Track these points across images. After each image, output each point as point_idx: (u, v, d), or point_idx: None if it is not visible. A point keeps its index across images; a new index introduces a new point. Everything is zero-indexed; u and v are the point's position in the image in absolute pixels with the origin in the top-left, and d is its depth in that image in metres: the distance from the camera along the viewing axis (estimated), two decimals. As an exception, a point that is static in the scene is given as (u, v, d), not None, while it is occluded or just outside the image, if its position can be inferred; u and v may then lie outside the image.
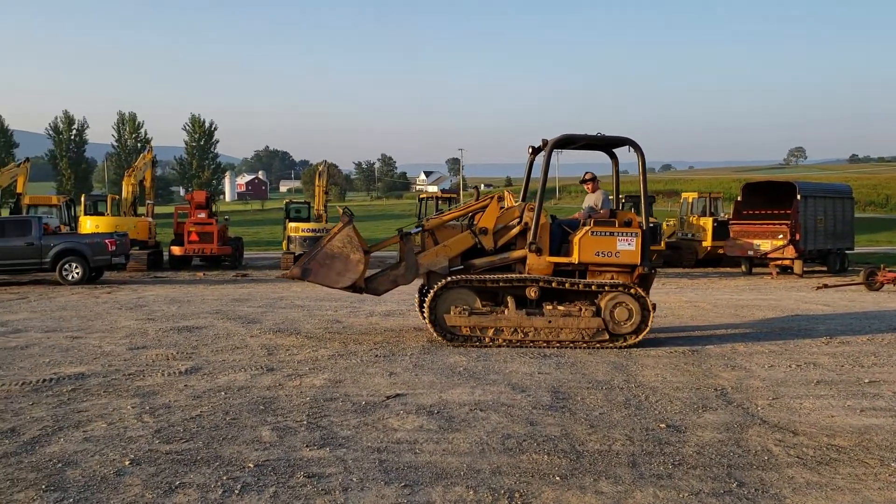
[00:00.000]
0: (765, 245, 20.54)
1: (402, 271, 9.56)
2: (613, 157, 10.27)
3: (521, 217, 9.55)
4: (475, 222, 9.59)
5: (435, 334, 9.15)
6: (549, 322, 9.00)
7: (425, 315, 9.20)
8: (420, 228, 9.69)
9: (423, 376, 7.45)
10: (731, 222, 22.03)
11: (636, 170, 9.52)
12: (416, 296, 10.34)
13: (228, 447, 5.18)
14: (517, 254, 9.42)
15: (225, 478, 4.58)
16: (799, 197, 20.30)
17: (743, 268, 22.15)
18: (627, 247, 9.13)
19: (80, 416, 5.96)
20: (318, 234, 21.87)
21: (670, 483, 4.58)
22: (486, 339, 9.06)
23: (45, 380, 7.24)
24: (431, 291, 9.17)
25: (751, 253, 20.95)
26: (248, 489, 4.40)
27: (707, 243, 24.33)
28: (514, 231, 9.52)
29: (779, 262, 20.85)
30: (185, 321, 11.26)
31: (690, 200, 26.54)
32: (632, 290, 9.09)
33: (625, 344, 9.04)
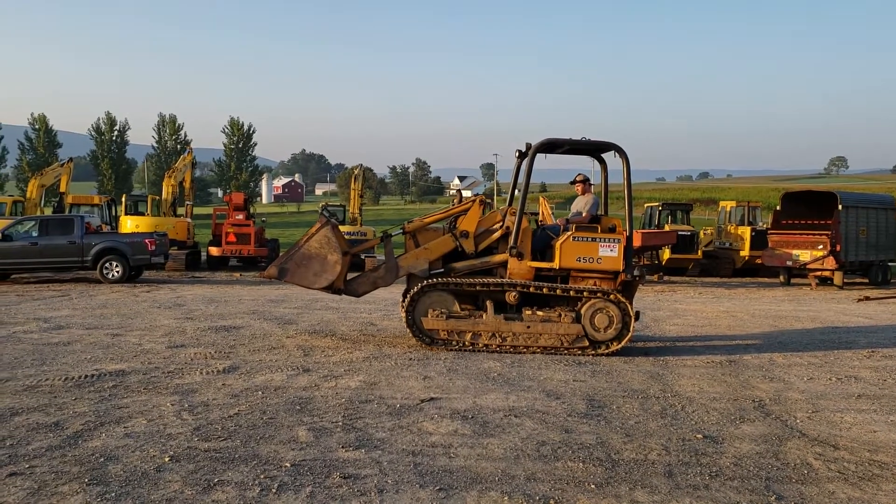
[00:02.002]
0: (804, 255, 20.19)
1: (381, 273, 9.60)
2: (602, 162, 10.17)
3: (503, 221, 9.53)
4: (457, 225, 9.56)
5: (413, 337, 9.17)
6: (528, 327, 8.96)
7: (403, 317, 9.24)
8: (402, 230, 9.72)
9: (457, 381, 7.46)
10: (769, 232, 21.71)
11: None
12: (400, 299, 10.28)
13: (266, 446, 5.25)
14: (498, 258, 9.40)
15: (262, 476, 4.63)
16: (840, 207, 19.94)
17: (781, 278, 21.81)
18: (609, 253, 9.03)
19: (120, 412, 6.07)
20: (353, 238, 22.03)
21: (707, 494, 4.54)
22: (465, 342, 9.05)
23: (86, 376, 7.39)
24: (409, 294, 9.19)
25: (789, 263, 20.61)
26: (284, 488, 4.45)
27: (745, 253, 24.01)
28: (496, 235, 9.49)
29: (818, 273, 20.49)
30: (223, 321, 11.41)
31: (728, 209, 26.23)
32: (612, 297, 9.00)
33: (606, 351, 8.97)
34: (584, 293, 9.05)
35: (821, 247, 19.88)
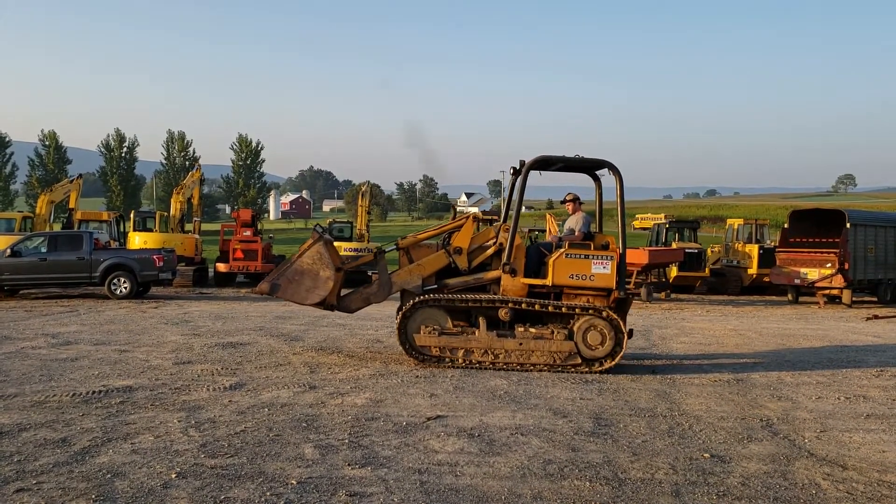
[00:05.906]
0: (812, 274, 20.12)
1: (374, 289, 9.59)
2: (596, 179, 10.14)
3: (496, 238, 9.54)
4: (451, 242, 9.55)
5: (405, 354, 9.17)
6: (520, 344, 8.94)
7: (396, 333, 9.24)
8: (395, 246, 9.73)
9: (463, 398, 7.45)
10: (777, 250, 21.65)
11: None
12: (396, 315, 10.28)
13: (272, 463, 5.25)
14: (492, 274, 9.38)
15: (268, 493, 4.63)
16: (848, 225, 19.88)
17: (789, 296, 21.72)
18: (602, 270, 9.02)
19: (128, 429, 6.08)
20: (361, 254, 22.07)
21: (715, 514, 4.51)
22: (457, 359, 9.04)
23: (94, 392, 7.41)
24: (402, 310, 9.19)
25: (797, 281, 20.53)
26: (290, 506, 4.45)
27: (752, 271, 23.93)
28: (490, 251, 9.50)
29: (826, 292, 20.40)
30: (230, 337, 11.43)
31: (736, 227, 26.18)
32: (605, 314, 8.98)
33: (599, 369, 8.94)
34: (577, 310, 9.04)
35: (829, 265, 19.81)
